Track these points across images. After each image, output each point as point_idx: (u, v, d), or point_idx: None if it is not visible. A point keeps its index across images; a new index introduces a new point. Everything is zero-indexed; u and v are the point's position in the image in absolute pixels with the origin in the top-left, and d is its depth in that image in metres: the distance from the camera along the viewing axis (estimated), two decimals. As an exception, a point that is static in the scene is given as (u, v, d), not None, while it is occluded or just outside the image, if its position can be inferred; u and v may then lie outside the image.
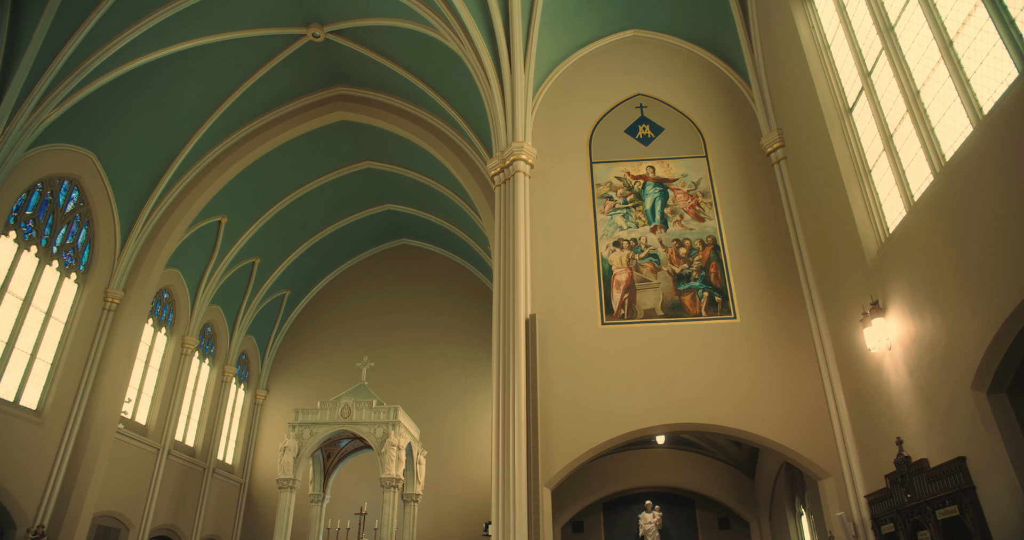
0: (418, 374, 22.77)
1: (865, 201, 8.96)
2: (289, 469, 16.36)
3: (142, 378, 18.22)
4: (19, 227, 14.33)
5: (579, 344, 10.97)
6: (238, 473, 22.26)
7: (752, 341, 10.70)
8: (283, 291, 23.64)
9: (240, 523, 21.71)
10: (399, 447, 16.22)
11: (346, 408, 16.79)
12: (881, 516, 8.56)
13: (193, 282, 19.86)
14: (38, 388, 14.65)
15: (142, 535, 17.09)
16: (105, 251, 16.38)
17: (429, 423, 21.01)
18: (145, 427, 18.17)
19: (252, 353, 23.57)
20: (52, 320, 15.12)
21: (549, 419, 10.36)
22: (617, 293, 11.42)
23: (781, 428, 10.08)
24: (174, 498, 18.77)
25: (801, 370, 10.38)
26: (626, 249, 11.81)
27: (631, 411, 10.40)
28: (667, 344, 10.84)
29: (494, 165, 12.67)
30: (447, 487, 20.81)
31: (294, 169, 19.93)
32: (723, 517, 17.36)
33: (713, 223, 11.85)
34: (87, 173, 15.66)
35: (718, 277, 11.36)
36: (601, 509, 17.71)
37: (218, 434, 21.10)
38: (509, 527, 9.51)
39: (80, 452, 14.96)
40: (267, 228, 20.92)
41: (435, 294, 24.25)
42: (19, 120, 13.10)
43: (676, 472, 16.40)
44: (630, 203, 12.25)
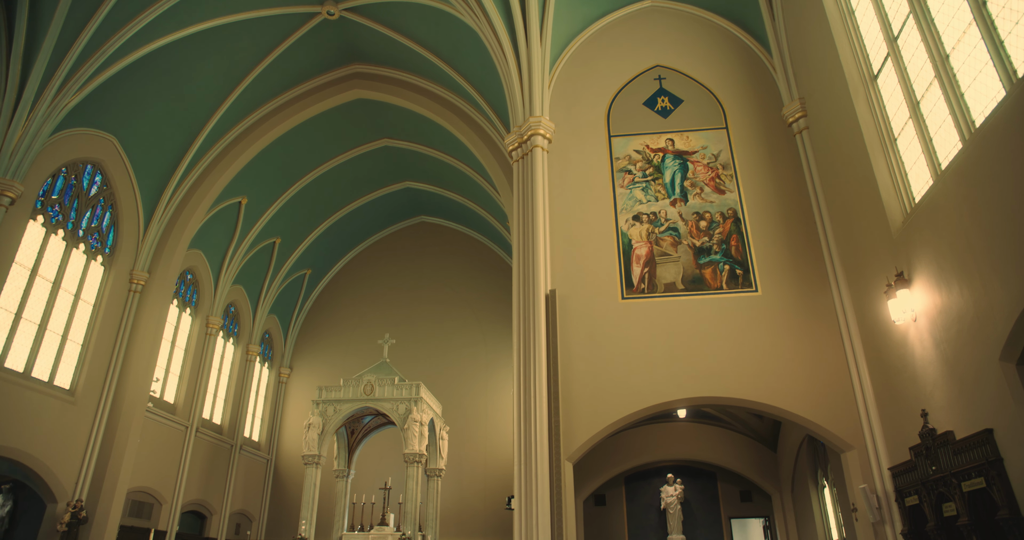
0: (439, 350, 22.95)
1: (890, 170, 8.79)
2: (314, 445, 16.66)
3: (169, 358, 18.56)
4: (46, 211, 14.55)
5: (599, 319, 10.97)
6: (264, 450, 22.70)
7: (774, 314, 10.62)
8: (304, 270, 23.85)
9: (267, 498, 22.20)
10: (421, 423, 16.43)
11: (369, 385, 17.01)
12: (905, 488, 8.53)
13: (216, 263, 20.10)
14: (70, 368, 15.00)
15: (174, 510, 17.56)
16: (129, 233, 16.60)
17: (451, 399, 21.22)
18: (173, 406, 18.55)
19: (275, 332, 23.88)
20: (81, 302, 15.41)
21: (570, 394, 10.41)
22: (637, 267, 11.37)
23: (803, 401, 10.04)
24: (203, 474, 19.21)
25: (823, 343, 10.29)
26: (646, 223, 11.73)
27: (652, 385, 10.41)
28: (688, 318, 10.80)
29: (512, 140, 12.58)
30: (470, 462, 21.07)
31: (312, 148, 19.98)
32: (745, 490, 17.41)
33: (734, 195, 11.71)
34: (109, 157, 15.82)
35: (739, 250, 11.25)
36: (623, 482, 17.83)
37: (244, 412, 21.49)
38: (532, 501, 9.62)
39: (112, 430, 15.34)
40: (287, 208, 21.06)
41: (455, 270, 24.33)
42: (42, 106, 13.27)
43: (697, 445, 16.44)
44: (649, 176, 12.13)
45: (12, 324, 13.60)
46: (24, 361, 13.82)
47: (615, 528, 17.59)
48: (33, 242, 14.21)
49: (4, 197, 12.77)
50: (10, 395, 13.16)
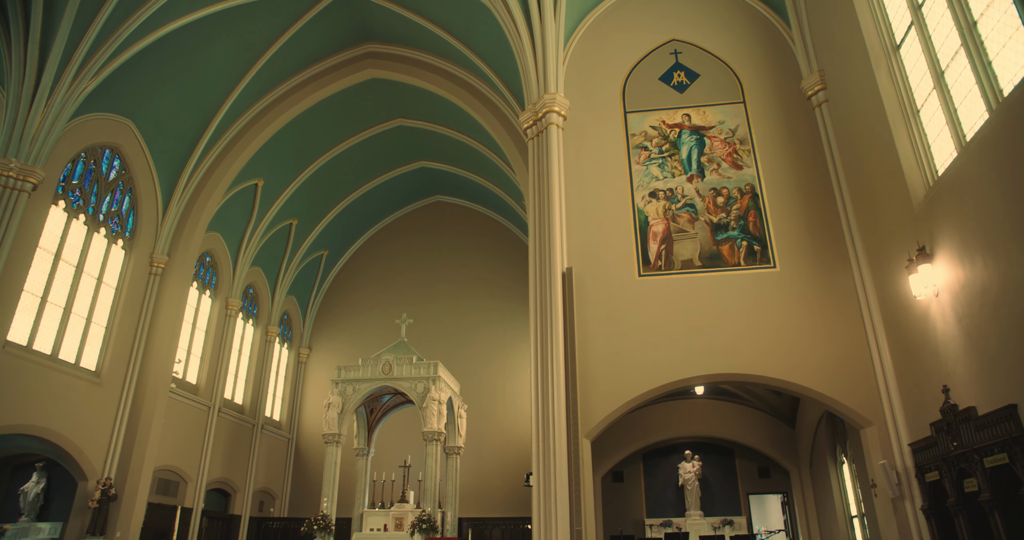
0: (456, 329, 23.06)
1: (912, 143, 8.62)
2: (334, 424, 16.88)
3: (190, 339, 18.82)
4: (67, 197, 14.71)
5: (616, 296, 10.95)
6: (285, 429, 23.05)
7: (792, 290, 10.55)
8: (321, 251, 23.99)
9: (289, 476, 22.58)
10: (440, 401, 16.58)
11: (387, 364, 17.16)
12: (925, 464, 8.50)
13: (234, 245, 20.26)
14: (95, 350, 15.27)
15: (199, 488, 17.93)
16: (148, 217, 16.76)
17: (469, 377, 21.36)
18: (196, 386, 18.85)
19: (294, 313, 24.11)
20: (103, 285, 15.63)
21: (588, 371, 10.44)
22: (654, 244, 11.31)
23: (822, 377, 9.99)
24: (227, 453, 19.56)
25: (843, 318, 10.22)
26: (662, 199, 11.64)
27: (670, 362, 10.41)
28: (705, 294, 10.76)
29: (527, 118, 12.49)
30: (488, 439, 21.26)
31: (327, 129, 19.97)
32: (763, 466, 17.45)
33: (751, 171, 11.57)
34: (127, 141, 15.93)
35: (757, 226, 11.15)
36: (641, 459, 17.95)
37: (265, 392, 21.79)
38: (550, 478, 9.71)
39: (138, 410, 15.64)
40: (303, 189, 21.13)
41: (471, 250, 24.35)
42: (60, 91, 13.36)
43: (715, 422, 16.47)
44: (666, 153, 12.01)
45: (38, 308, 13.85)
46: (51, 344, 14.09)
47: (633, 504, 17.74)
48: (56, 227, 14.40)
49: (26, 183, 12.92)
50: (39, 377, 13.45)
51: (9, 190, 12.71)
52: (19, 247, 13.07)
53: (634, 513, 17.61)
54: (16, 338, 13.18)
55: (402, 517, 16.33)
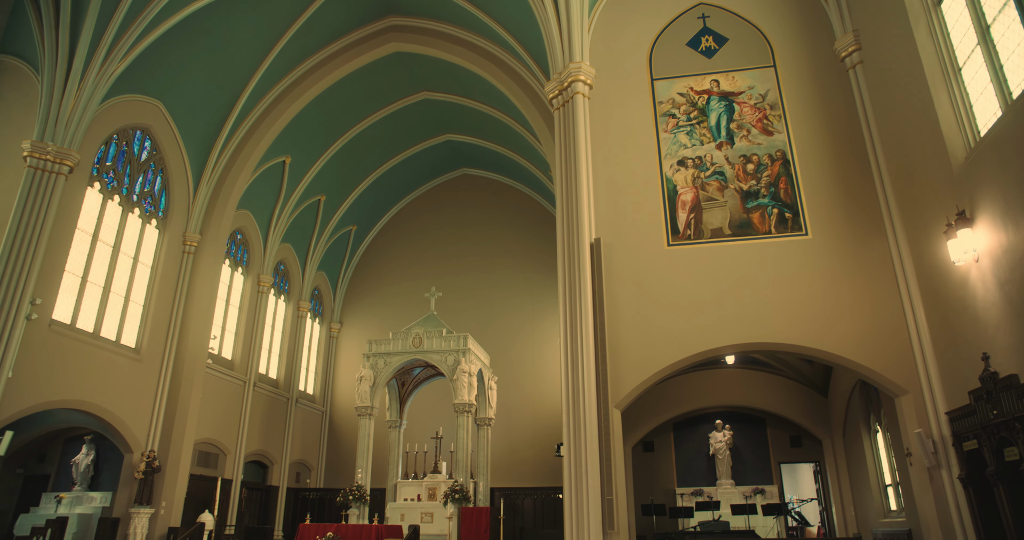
0: (485, 302, 23.18)
1: (953, 103, 8.34)
2: (366, 397, 17.18)
3: (224, 316, 19.20)
4: (102, 178, 14.98)
5: (645, 266, 10.89)
6: (319, 402, 23.52)
7: (825, 257, 10.37)
8: (350, 226, 24.17)
9: (324, 448, 23.10)
10: (470, 374, 16.75)
11: (417, 337, 17.35)
12: (963, 433, 8.38)
13: (264, 222, 20.51)
14: (134, 328, 15.67)
15: (238, 460, 18.44)
16: (180, 196, 17.01)
17: (498, 349, 21.53)
18: (231, 361, 19.28)
19: (324, 288, 24.42)
20: (139, 265, 15.97)
21: (617, 342, 10.44)
22: (683, 213, 11.18)
23: (856, 345, 9.87)
24: (263, 426, 20.05)
25: (877, 286, 10.04)
26: (691, 168, 11.47)
27: (700, 332, 10.36)
28: (735, 263, 10.64)
29: (552, 88, 12.34)
30: (519, 410, 21.47)
31: (352, 105, 19.97)
32: (795, 435, 17.38)
33: (782, 136, 11.32)
34: (156, 121, 16.12)
35: (788, 192, 10.94)
36: (671, 429, 17.99)
37: (298, 366, 22.21)
38: (580, 448, 9.78)
39: (176, 385, 16.07)
40: (330, 165, 21.23)
41: (498, 222, 24.33)
42: (91, 74, 13.54)
43: (746, 391, 16.39)
44: (694, 120, 11.80)
45: (79, 287, 14.23)
46: (93, 322, 14.49)
47: (664, 474, 17.84)
48: (92, 208, 14.71)
49: (63, 166, 13.17)
50: (83, 354, 13.87)
51: (47, 173, 12.99)
52: (59, 229, 13.40)
53: (665, 482, 17.71)
54: (60, 317, 13.58)
55: (435, 487, 16.65)
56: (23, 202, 12.59)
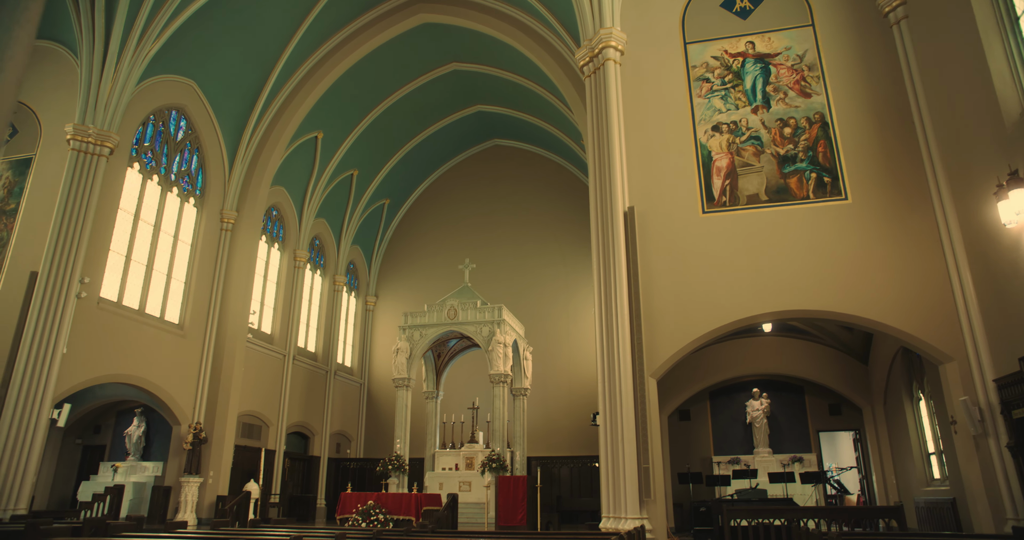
0: (519, 273, 23.21)
1: (1008, 56, 7.95)
2: (403, 369, 17.44)
3: (263, 291, 19.58)
4: (141, 159, 15.27)
5: (680, 235, 10.75)
6: (357, 374, 23.96)
7: (865, 222, 10.10)
8: (383, 200, 24.31)
9: (363, 419, 23.59)
10: (505, 344, 16.86)
11: (452, 309, 17.48)
12: (1012, 400, 8.17)
13: (298, 198, 20.74)
14: (177, 304, 16.09)
15: (280, 431, 18.95)
16: (216, 174, 17.27)
17: (533, 320, 21.60)
18: (271, 336, 19.70)
19: (359, 262, 24.69)
20: (180, 243, 16.33)
21: (652, 311, 10.37)
22: (718, 180, 10.97)
23: (898, 312, 9.64)
24: (303, 399, 20.53)
25: (921, 250, 9.75)
26: (726, 133, 11.21)
27: (736, 300, 10.23)
28: (772, 230, 10.43)
29: (583, 55, 12.11)
30: (554, 380, 21.59)
31: (382, 78, 19.92)
32: (834, 403, 17.17)
33: (821, 98, 10.97)
34: (191, 101, 16.31)
35: (827, 156, 10.64)
36: (707, 397, 17.91)
37: (335, 339, 22.60)
38: (616, 417, 9.81)
39: (219, 359, 16.51)
40: (361, 139, 21.30)
41: (530, 192, 24.22)
42: (126, 56, 13.73)
43: (784, 359, 16.20)
44: (728, 84, 11.49)
45: (124, 266, 14.62)
46: (138, 299, 14.91)
47: (700, 442, 17.83)
48: (133, 189, 15.04)
49: (104, 147, 13.46)
50: (130, 331, 14.31)
51: (89, 155, 13.29)
52: (103, 210, 13.76)
53: (701, 451, 17.71)
54: (108, 295, 14.00)
55: (472, 457, 16.91)
56: (69, 184, 12.94)
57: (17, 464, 11.43)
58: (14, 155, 13.92)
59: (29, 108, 14.12)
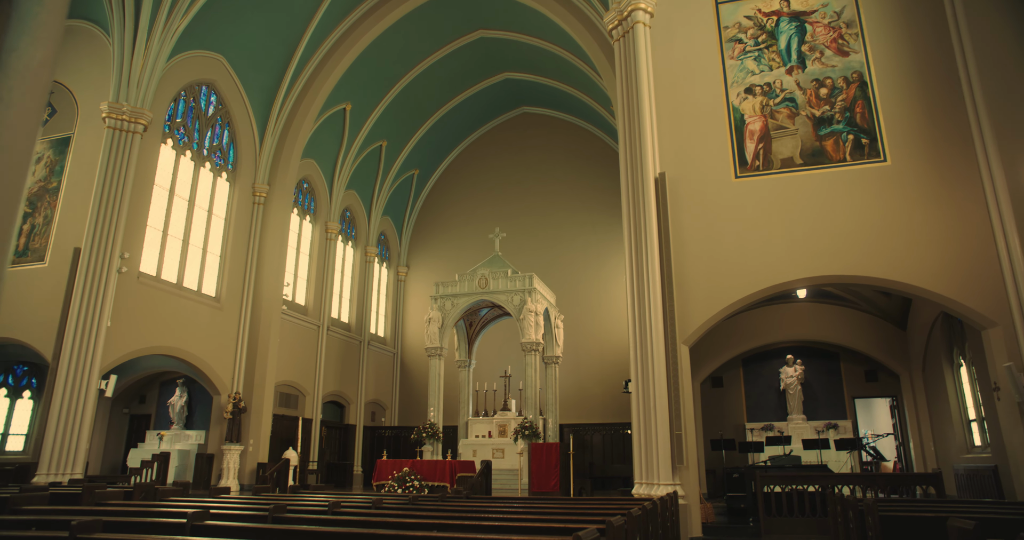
0: (550, 241, 23.16)
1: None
2: (435, 338, 17.63)
3: (296, 263, 19.86)
4: (174, 134, 15.46)
5: (712, 200, 10.57)
6: (390, 344, 24.30)
7: (905, 184, 9.80)
8: (412, 171, 24.34)
9: (397, 388, 23.99)
10: (536, 313, 16.91)
11: (483, 279, 17.55)
12: (1056, 362, 7.95)
13: (328, 170, 20.86)
14: (213, 277, 16.42)
15: (316, 401, 19.39)
16: (246, 149, 17.43)
17: (564, 288, 21.60)
18: (305, 307, 20.03)
19: (390, 233, 24.86)
20: (214, 217, 16.59)
21: (684, 278, 10.28)
22: (751, 144, 10.72)
23: (939, 276, 9.40)
24: (338, 368, 20.93)
25: (963, 212, 9.45)
26: (759, 95, 10.91)
27: (769, 266, 10.08)
28: (807, 194, 10.20)
29: (611, 18, 11.84)
30: (586, 348, 21.65)
31: (408, 48, 19.77)
32: (870, 370, 16.93)
33: (859, 56, 10.59)
34: (220, 76, 16.41)
35: (865, 117, 10.31)
36: (740, 364, 17.80)
37: (368, 310, 22.90)
38: (648, 384, 9.81)
39: (255, 331, 16.87)
40: (389, 110, 21.25)
41: (560, 160, 24.02)
42: (156, 32, 13.83)
43: (819, 325, 15.98)
44: (762, 44, 11.14)
45: (161, 241, 14.93)
46: (176, 273, 15.25)
47: (733, 409, 17.78)
48: (167, 164, 15.27)
49: (138, 124, 13.65)
50: (169, 304, 14.67)
51: (124, 132, 13.50)
52: (139, 186, 14.02)
53: (734, 418, 17.67)
54: (147, 269, 14.34)
55: (505, 424, 17.12)
56: (106, 162, 13.18)
57: (71, 432, 11.92)
58: (54, 134, 14.22)
59: (66, 88, 14.37)
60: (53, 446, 11.72)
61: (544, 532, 3.89)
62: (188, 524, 3.76)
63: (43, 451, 11.73)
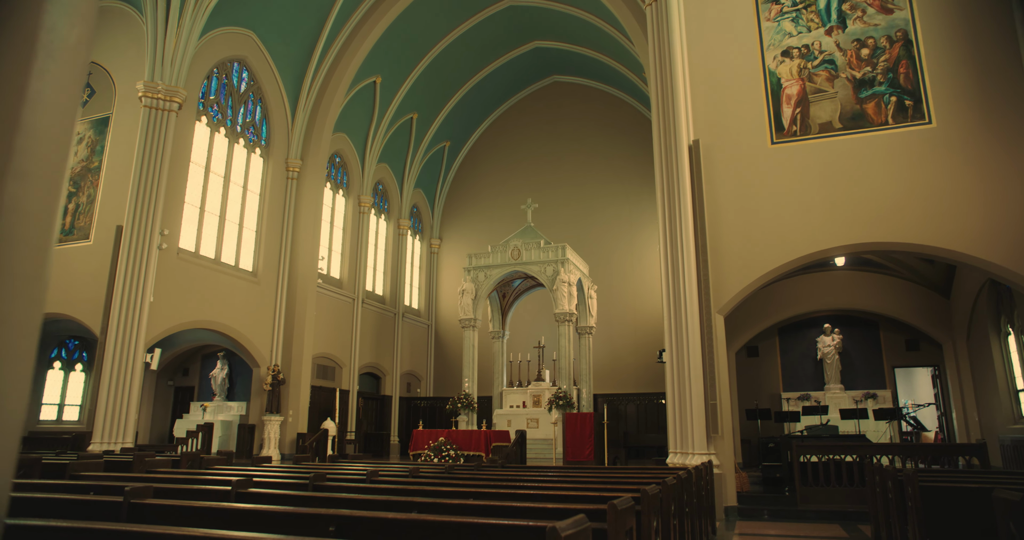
0: (582, 211, 23.02)
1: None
2: (469, 310, 17.75)
3: (330, 237, 20.09)
4: (208, 112, 15.63)
5: (747, 167, 10.35)
6: (424, 316, 24.55)
7: (951, 147, 9.46)
8: (443, 143, 24.29)
9: (431, 360, 24.29)
10: (569, 283, 16.89)
11: (515, 250, 17.55)
12: (1108, 329, 7.69)
13: (360, 144, 20.93)
14: (250, 252, 16.71)
15: (353, 372, 19.75)
16: (279, 124, 17.55)
17: (597, 258, 21.51)
18: (339, 280, 20.30)
19: (422, 205, 24.95)
20: (249, 193, 16.82)
21: (719, 246, 10.14)
22: (787, 108, 10.43)
23: (987, 242, 9.10)
24: (373, 340, 21.24)
25: (1012, 176, 9.10)
26: (797, 58, 10.58)
27: (807, 234, 9.87)
28: (846, 159, 9.91)
29: (641, -19, 11.53)
30: (619, 318, 21.61)
31: (436, 19, 19.57)
32: (911, 338, 16.61)
33: (904, 13, 10.16)
34: (251, 52, 16.48)
35: (909, 78, 9.93)
36: (776, 333, 17.61)
37: (402, 282, 23.13)
38: (683, 354, 9.76)
39: (292, 304, 17.18)
40: (419, 82, 21.16)
41: (592, 129, 23.72)
42: (188, 9, 13.91)
43: (858, 294, 15.67)
44: (800, 4, 10.76)
45: (199, 217, 15.21)
46: (214, 249, 15.55)
47: (769, 378, 17.65)
48: (202, 142, 15.47)
49: (173, 103, 13.82)
50: (207, 279, 14.99)
51: (160, 111, 13.69)
52: (176, 163, 14.25)
53: (770, 387, 17.54)
54: (186, 245, 14.65)
55: (539, 394, 17.25)
56: (143, 140, 13.40)
57: (121, 403, 12.38)
58: (94, 115, 14.49)
59: (103, 68, 14.58)
60: (105, 417, 12.20)
61: (579, 500, 3.93)
62: (233, 491, 3.88)
63: (96, 421, 12.22)
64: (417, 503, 3.46)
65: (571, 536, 1.80)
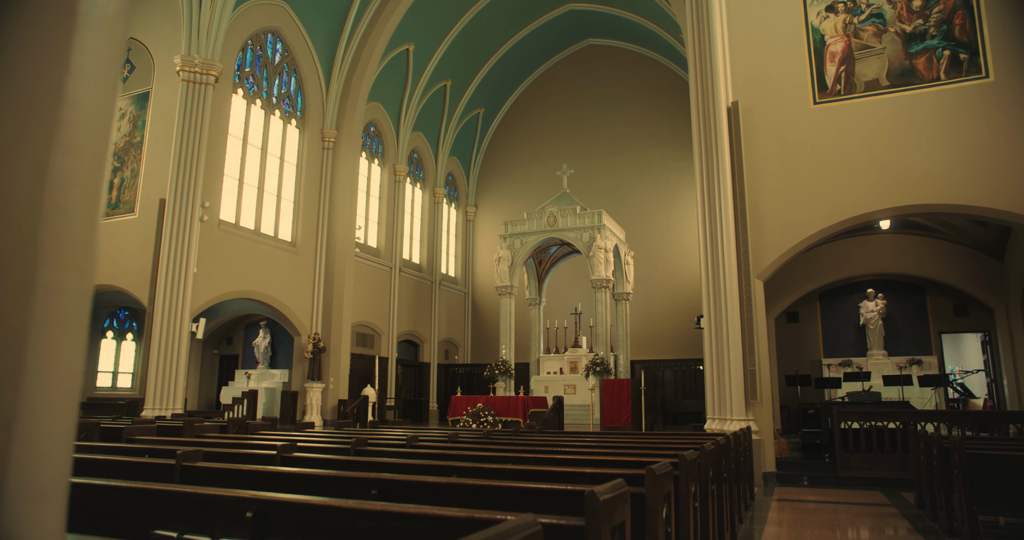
0: (618, 177, 22.74)
1: None
2: (505, 277, 17.80)
3: (366, 206, 20.25)
4: (244, 84, 15.74)
5: (788, 128, 10.06)
6: (461, 284, 24.72)
7: (1011, 102, 9.03)
8: (477, 110, 24.11)
9: (469, 327, 24.52)
10: (606, 249, 16.79)
11: (551, 216, 17.47)
12: None
13: (394, 112, 20.91)
14: (289, 223, 16.96)
15: (391, 340, 20.06)
16: (313, 95, 17.60)
17: (634, 224, 21.31)
18: (376, 249, 20.51)
19: (457, 173, 24.92)
20: (285, 164, 16.99)
21: (758, 210, 9.94)
22: (831, 66, 10.06)
23: (1042, 202, 8.73)
24: (411, 308, 21.50)
25: (1073, 132, 8.67)
26: (842, 13, 10.15)
27: (850, 196, 9.60)
28: (894, 118, 9.56)
29: (678, -64, 11.14)
30: (656, 284, 21.46)
31: (467, -18, 19.27)
32: (959, 303, 16.15)
33: (959, -38, 9.64)
34: (284, 23, 16.48)
35: (965, 29, 9.46)
36: (817, 299, 17.28)
37: (438, 250, 23.27)
38: (721, 320, 9.67)
39: (331, 274, 17.44)
40: (452, 49, 20.95)
41: (627, 92, 23.27)
42: (220, -18, 13.89)
43: (903, 258, 15.23)
44: (847, -45, 10.28)
45: (238, 189, 15.45)
46: (253, 220, 15.81)
47: (809, 344, 17.39)
48: (239, 114, 15.63)
49: (209, 76, 13.94)
50: (248, 250, 15.29)
51: (197, 85, 13.83)
52: (214, 136, 14.43)
53: (810, 353, 17.29)
54: (226, 217, 14.92)
55: (576, 361, 17.33)
56: (182, 114, 13.58)
57: (170, 371, 12.82)
58: (134, 90, 14.70)
59: (142, 44, 14.73)
60: (156, 384, 12.66)
61: (617, 465, 3.96)
62: (278, 455, 4.00)
63: (147, 388, 12.70)
64: (456, 468, 3.52)
65: (609, 500, 1.82)
